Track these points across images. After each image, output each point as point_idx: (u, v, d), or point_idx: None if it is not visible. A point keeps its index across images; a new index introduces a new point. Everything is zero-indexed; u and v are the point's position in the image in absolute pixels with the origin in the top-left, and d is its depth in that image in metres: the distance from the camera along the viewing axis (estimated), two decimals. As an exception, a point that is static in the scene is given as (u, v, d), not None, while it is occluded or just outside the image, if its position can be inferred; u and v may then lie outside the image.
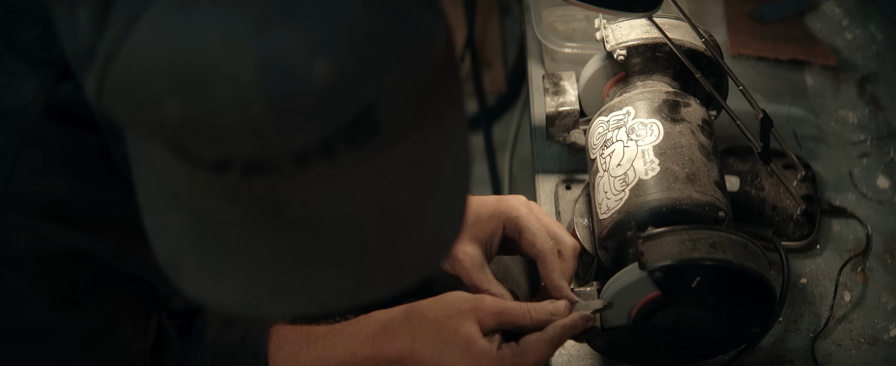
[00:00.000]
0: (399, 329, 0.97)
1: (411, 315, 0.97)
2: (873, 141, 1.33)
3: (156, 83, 0.59)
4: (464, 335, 0.94)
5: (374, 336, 0.98)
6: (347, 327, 1.00)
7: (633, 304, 0.98)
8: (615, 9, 1.03)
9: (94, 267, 0.88)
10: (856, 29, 1.46)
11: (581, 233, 1.15)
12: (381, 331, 0.98)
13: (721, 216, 1.02)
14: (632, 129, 1.08)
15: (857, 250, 1.22)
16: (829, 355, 1.14)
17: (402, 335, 0.96)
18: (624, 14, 1.10)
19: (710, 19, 1.46)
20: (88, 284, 0.89)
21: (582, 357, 1.14)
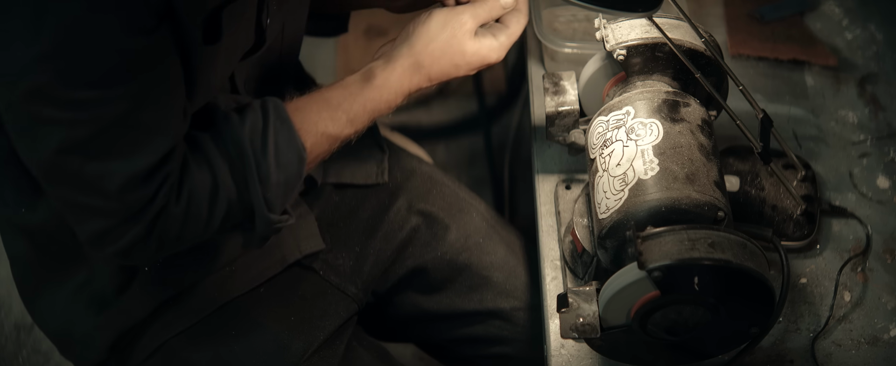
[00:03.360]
0: (414, 76, 1.13)
1: (419, 59, 1.13)
2: (873, 141, 1.33)
3: None
4: (471, 49, 1.13)
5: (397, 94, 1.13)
6: (366, 91, 1.12)
7: (633, 304, 0.98)
8: (615, 9, 1.03)
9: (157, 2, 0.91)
10: (856, 29, 1.46)
11: (581, 233, 1.15)
12: (398, 84, 1.13)
13: (720, 216, 1.02)
14: (631, 128, 1.08)
15: (857, 250, 1.22)
16: (829, 355, 1.14)
17: (421, 80, 1.14)
18: (624, 14, 1.10)
19: (710, 19, 1.46)
20: (154, 19, 0.92)
21: (582, 357, 1.14)
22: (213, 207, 1.02)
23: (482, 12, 1.14)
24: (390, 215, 1.38)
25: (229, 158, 1.03)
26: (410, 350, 1.84)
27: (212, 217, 1.03)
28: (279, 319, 1.27)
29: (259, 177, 1.03)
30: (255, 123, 1.05)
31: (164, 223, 0.99)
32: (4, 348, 1.99)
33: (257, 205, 1.04)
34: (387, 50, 1.15)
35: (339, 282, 1.32)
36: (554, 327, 1.16)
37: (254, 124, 1.04)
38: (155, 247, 1.01)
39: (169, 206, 0.99)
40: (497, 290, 1.39)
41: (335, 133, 1.11)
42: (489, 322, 1.40)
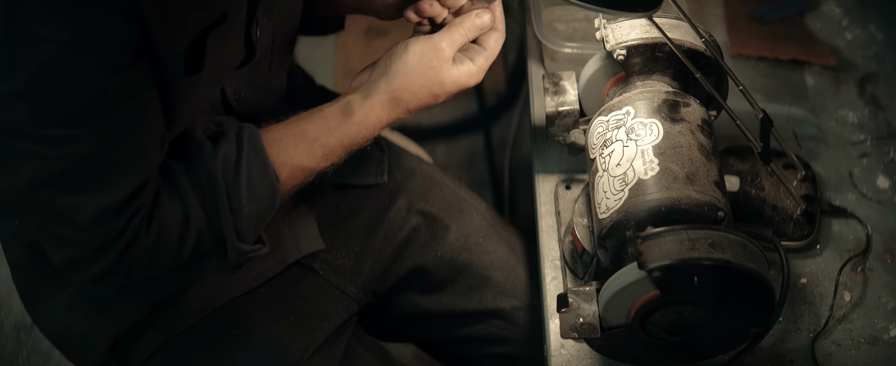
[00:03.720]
0: (393, 110, 1.12)
1: (398, 95, 1.12)
2: (873, 141, 1.33)
3: None
4: (449, 79, 1.12)
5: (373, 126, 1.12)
6: (343, 125, 1.11)
7: (633, 303, 0.98)
8: (615, 9, 1.03)
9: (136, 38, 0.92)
10: (856, 29, 1.46)
11: (581, 233, 1.15)
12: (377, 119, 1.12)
13: (720, 216, 1.02)
14: (631, 128, 1.08)
15: (857, 250, 1.22)
16: (829, 355, 1.14)
17: (400, 112, 1.13)
18: (624, 14, 1.10)
19: (710, 19, 1.46)
20: (132, 56, 0.92)
21: (582, 357, 1.14)
22: (183, 238, 1.04)
23: (459, 37, 1.13)
24: (390, 215, 1.38)
25: (201, 189, 1.03)
26: (410, 350, 1.84)
27: (182, 248, 1.04)
28: (279, 319, 1.27)
29: (230, 208, 1.04)
30: (229, 154, 1.05)
31: (134, 254, 1.01)
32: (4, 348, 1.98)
33: (228, 235, 1.05)
34: (365, 80, 1.14)
35: (339, 282, 1.32)
36: (554, 327, 1.16)
37: (227, 155, 1.04)
38: (125, 275, 1.03)
39: (138, 238, 1.00)
40: (497, 290, 1.39)
41: (310, 166, 1.11)
42: (489, 322, 1.40)
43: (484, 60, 1.14)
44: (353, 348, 1.32)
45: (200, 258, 1.10)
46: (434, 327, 1.43)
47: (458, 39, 1.13)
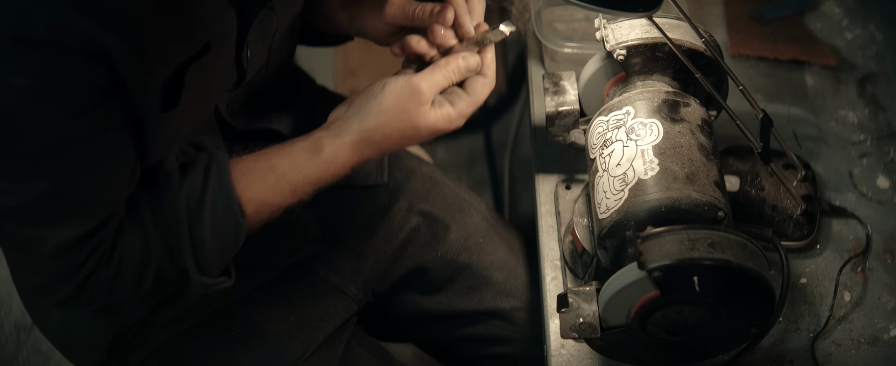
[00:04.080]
0: (364, 150, 1.09)
1: (370, 138, 1.09)
2: (873, 141, 1.33)
3: None
4: (425, 123, 1.08)
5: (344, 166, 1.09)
6: (312, 163, 1.08)
7: (633, 304, 0.98)
8: (615, 9, 1.03)
9: (104, 79, 0.91)
10: (856, 29, 1.46)
11: (581, 233, 1.15)
12: (348, 159, 1.09)
13: (720, 216, 1.02)
14: (631, 128, 1.08)
15: (857, 250, 1.22)
16: (829, 355, 1.14)
17: (372, 152, 1.10)
18: (624, 14, 1.10)
19: (710, 19, 1.46)
20: (99, 96, 0.92)
21: (582, 357, 1.14)
22: (143, 270, 1.04)
23: (441, 78, 1.09)
24: (390, 216, 1.38)
25: (164, 222, 1.03)
26: (410, 350, 1.84)
27: (142, 279, 1.04)
28: (278, 319, 1.27)
29: (192, 242, 1.04)
30: (194, 187, 1.04)
31: (94, 284, 1.02)
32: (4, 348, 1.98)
33: (190, 269, 1.05)
34: (341, 115, 1.11)
35: (339, 282, 1.32)
36: (554, 327, 1.16)
37: (193, 188, 1.04)
38: (86, 302, 1.04)
39: (99, 269, 1.01)
40: (497, 290, 1.39)
41: (277, 203, 1.09)
42: (489, 322, 1.40)
43: (465, 106, 1.10)
44: (353, 347, 1.32)
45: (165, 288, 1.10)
46: (434, 328, 1.43)
47: (440, 81, 1.09)
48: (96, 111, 0.92)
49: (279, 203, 1.09)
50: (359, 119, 1.09)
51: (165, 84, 0.98)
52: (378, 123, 1.08)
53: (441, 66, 1.09)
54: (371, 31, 1.18)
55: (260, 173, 1.08)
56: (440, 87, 1.09)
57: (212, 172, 1.05)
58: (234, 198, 1.05)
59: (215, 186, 1.04)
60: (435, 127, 1.09)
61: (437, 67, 1.09)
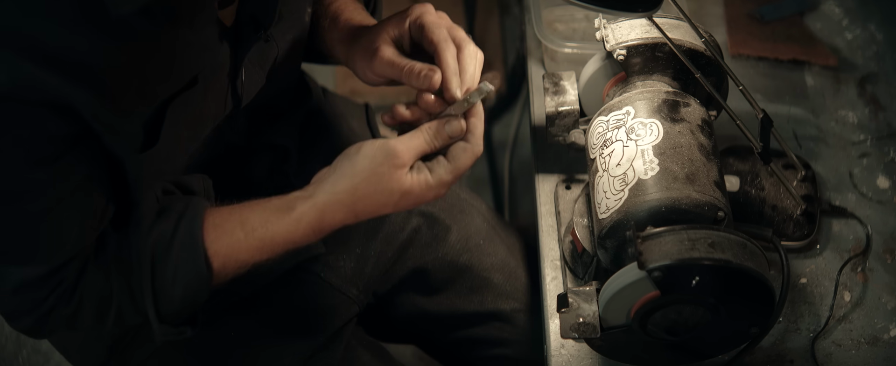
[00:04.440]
0: (337, 212, 1.04)
1: (340, 197, 1.03)
2: (873, 141, 1.33)
3: None
4: (400, 188, 1.02)
5: (313, 226, 1.05)
6: (284, 222, 1.05)
7: (633, 304, 0.98)
8: (615, 9, 1.03)
9: (70, 129, 0.90)
10: (856, 29, 1.46)
11: (581, 233, 1.15)
12: (318, 221, 1.04)
13: (720, 216, 1.02)
14: (631, 128, 1.08)
15: (857, 250, 1.22)
16: (829, 355, 1.14)
17: (343, 215, 1.04)
18: (624, 14, 1.10)
19: (710, 19, 1.46)
20: (63, 146, 0.92)
21: (582, 357, 1.14)
22: (103, 311, 1.04)
23: (421, 142, 1.04)
24: (391, 217, 1.37)
25: (129, 267, 1.03)
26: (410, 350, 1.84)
27: (102, 319, 1.04)
28: (279, 320, 1.27)
29: (153, 289, 1.03)
30: (164, 234, 1.03)
31: (54, 321, 1.02)
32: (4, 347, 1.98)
33: (150, 316, 1.04)
34: (320, 177, 1.07)
35: (339, 284, 1.32)
36: (554, 327, 1.16)
37: (162, 235, 1.03)
38: (48, 334, 1.05)
39: (58, 307, 1.01)
40: (497, 291, 1.39)
41: (244, 258, 1.06)
42: (489, 324, 1.40)
43: (445, 174, 1.03)
44: (353, 348, 1.32)
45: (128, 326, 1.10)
46: (434, 329, 1.43)
47: (419, 145, 1.03)
48: (58, 160, 0.92)
49: (246, 259, 1.05)
50: (332, 180, 1.04)
51: (148, 121, 0.97)
52: (350, 184, 1.03)
53: (422, 130, 1.04)
54: (362, 76, 1.14)
55: (230, 227, 1.05)
56: (419, 150, 1.04)
57: (183, 222, 1.03)
58: (202, 250, 1.03)
59: (184, 237, 1.03)
60: (411, 192, 1.03)
61: (417, 131, 1.04)
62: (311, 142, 1.33)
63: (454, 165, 1.04)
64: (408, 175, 1.03)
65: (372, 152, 1.02)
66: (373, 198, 1.03)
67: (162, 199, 1.08)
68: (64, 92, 0.87)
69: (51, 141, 0.91)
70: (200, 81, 1.00)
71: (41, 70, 0.85)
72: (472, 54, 1.08)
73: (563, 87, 1.19)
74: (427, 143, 1.04)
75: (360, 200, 1.03)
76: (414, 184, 1.03)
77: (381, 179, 1.02)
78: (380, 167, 1.02)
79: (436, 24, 1.08)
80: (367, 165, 1.02)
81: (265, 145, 1.26)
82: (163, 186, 1.10)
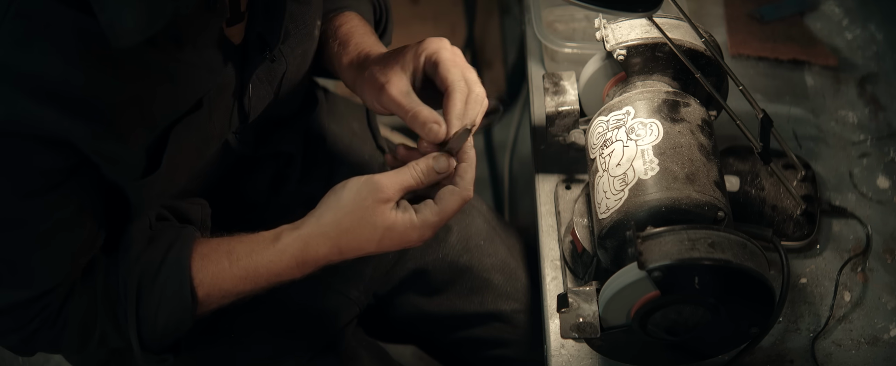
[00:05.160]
0: (321, 245, 1.03)
1: (325, 229, 1.02)
2: (873, 141, 1.33)
3: None
4: (383, 224, 1.01)
5: (296, 257, 1.03)
6: (267, 252, 1.04)
7: (633, 304, 0.98)
8: (615, 9, 1.03)
9: (65, 161, 0.90)
10: (856, 29, 1.46)
11: (581, 233, 1.15)
12: (301, 252, 1.03)
13: (720, 216, 1.02)
14: (631, 128, 1.08)
15: (857, 250, 1.22)
16: (829, 355, 1.14)
17: (326, 248, 1.03)
18: (624, 14, 1.10)
19: (710, 19, 1.46)
20: (57, 178, 0.92)
21: (582, 357, 1.14)
22: (87, 335, 1.04)
23: (407, 178, 1.02)
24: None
25: (114, 293, 1.03)
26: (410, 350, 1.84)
27: (86, 343, 1.05)
28: (279, 322, 1.26)
29: (137, 317, 1.03)
30: (151, 263, 1.03)
31: (39, 342, 1.03)
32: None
33: (133, 342, 1.05)
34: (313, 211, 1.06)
35: (339, 285, 1.32)
36: (554, 327, 1.16)
37: (149, 263, 1.03)
38: (32, 353, 1.05)
39: (43, 329, 1.02)
40: (497, 292, 1.39)
41: (228, 287, 1.05)
42: (490, 324, 1.40)
43: (431, 215, 1.02)
44: (354, 349, 1.32)
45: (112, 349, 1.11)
46: (434, 329, 1.43)
47: (405, 180, 1.02)
48: (50, 193, 0.92)
49: (229, 288, 1.05)
50: (318, 214, 1.04)
51: (151, 146, 0.97)
52: (334, 217, 1.02)
53: (409, 166, 1.03)
54: (368, 104, 1.13)
55: (216, 256, 1.05)
56: (404, 185, 1.02)
57: (172, 251, 1.03)
58: (188, 280, 1.03)
59: (172, 266, 1.03)
60: (394, 228, 1.01)
61: (405, 167, 1.03)
62: (314, 146, 1.33)
63: (441, 207, 1.02)
64: (392, 211, 1.01)
65: (357, 186, 1.02)
66: (356, 232, 1.01)
67: (155, 225, 1.07)
68: (62, 127, 0.87)
69: (43, 174, 0.91)
70: (205, 104, 1.00)
71: (39, 106, 0.85)
72: (479, 100, 1.07)
73: (563, 87, 1.19)
74: (413, 178, 1.03)
75: (344, 234, 1.02)
76: (397, 221, 1.01)
77: (365, 212, 1.01)
78: (364, 201, 1.01)
79: (452, 63, 1.07)
80: (351, 197, 1.01)
81: (270, 153, 1.26)
82: (158, 211, 1.10)
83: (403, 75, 1.08)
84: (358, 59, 1.15)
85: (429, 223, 1.02)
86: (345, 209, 1.02)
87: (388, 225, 1.01)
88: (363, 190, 1.01)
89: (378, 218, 1.01)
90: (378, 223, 1.01)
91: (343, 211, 1.02)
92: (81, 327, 1.03)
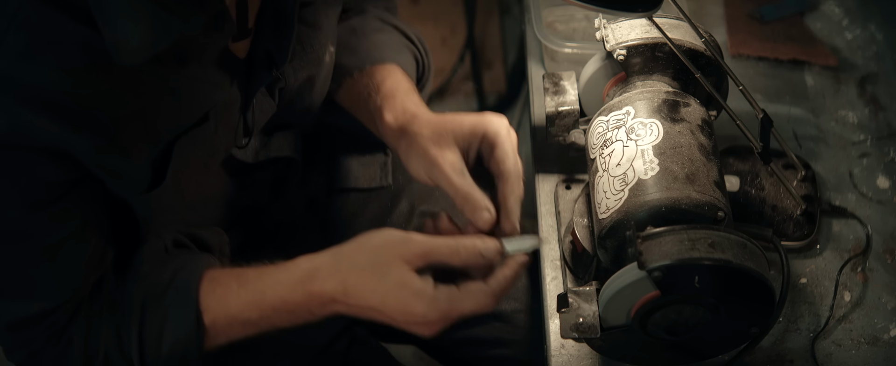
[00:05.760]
0: (328, 277, 0.97)
1: (338, 262, 0.97)
2: (873, 141, 1.33)
3: None
4: (395, 278, 0.93)
5: (302, 282, 0.98)
6: (276, 273, 1.01)
7: (633, 304, 0.98)
8: (615, 9, 1.03)
9: (68, 174, 0.90)
10: (856, 29, 1.46)
11: (581, 233, 1.15)
12: (308, 278, 0.98)
13: (720, 216, 1.02)
14: (631, 128, 1.08)
15: (857, 250, 1.22)
16: (829, 355, 1.14)
17: (332, 282, 0.96)
18: (624, 14, 1.10)
19: (710, 19, 1.46)
20: (60, 190, 0.91)
21: (582, 357, 1.14)
22: (91, 356, 1.03)
23: (443, 247, 0.94)
24: (393, 218, 1.37)
25: (120, 313, 1.02)
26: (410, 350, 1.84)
27: (90, 363, 1.03)
28: None
29: (140, 338, 1.02)
30: (158, 283, 1.01)
31: (44, 359, 1.03)
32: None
33: (135, 363, 1.03)
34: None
35: None
36: (554, 328, 1.16)
37: (156, 284, 1.01)
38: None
39: (48, 347, 1.02)
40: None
41: (234, 312, 1.01)
42: (489, 324, 1.40)
43: (446, 301, 0.93)
44: (354, 348, 1.32)
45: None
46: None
47: (440, 251, 0.94)
48: (54, 204, 0.92)
49: (236, 312, 1.01)
50: (339, 247, 0.99)
51: (155, 159, 0.96)
52: (351, 253, 0.97)
53: (452, 238, 0.96)
54: (412, 172, 1.09)
55: (226, 280, 1.02)
56: (437, 254, 0.95)
57: (182, 273, 1.02)
58: (194, 302, 1.00)
59: (179, 287, 1.01)
60: (403, 288, 0.93)
61: (446, 238, 0.97)
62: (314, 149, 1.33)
63: (460, 296, 0.94)
64: (410, 271, 0.94)
65: (387, 235, 0.97)
66: (365, 275, 0.95)
67: (171, 250, 1.06)
68: (64, 139, 0.86)
69: (47, 186, 0.90)
70: (211, 118, 0.99)
71: (42, 118, 0.84)
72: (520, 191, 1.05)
73: (563, 87, 1.19)
74: (450, 250, 0.95)
75: (353, 272, 0.96)
76: (411, 282, 0.93)
77: (383, 259, 0.94)
78: (388, 249, 0.95)
79: (510, 151, 1.04)
80: (377, 242, 0.97)
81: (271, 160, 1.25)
82: (175, 237, 1.08)
83: (457, 150, 1.04)
84: (403, 120, 1.10)
85: (442, 311, 0.94)
86: (364, 249, 0.97)
87: (399, 281, 0.94)
88: (391, 239, 0.96)
89: (393, 270, 0.94)
90: (391, 275, 0.94)
91: (362, 250, 0.97)
92: (85, 347, 1.02)
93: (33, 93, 0.83)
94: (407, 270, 0.94)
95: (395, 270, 0.94)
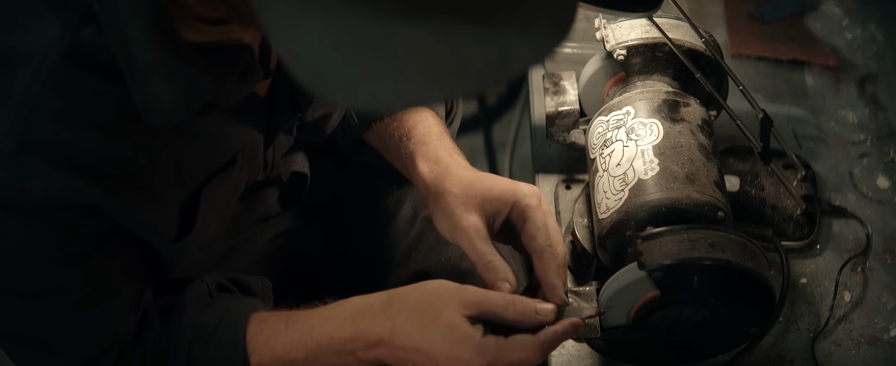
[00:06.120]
0: (378, 314, 0.95)
1: (392, 300, 0.96)
2: (873, 141, 1.33)
3: None
4: (445, 320, 0.92)
5: (352, 319, 0.97)
6: (326, 310, 1.00)
7: (633, 303, 0.98)
8: (615, 9, 1.03)
9: (100, 227, 0.89)
10: (856, 29, 1.46)
11: (581, 233, 1.15)
12: (359, 315, 0.97)
13: (720, 216, 1.02)
14: (631, 128, 1.08)
15: (857, 250, 1.22)
16: (829, 355, 1.14)
17: (382, 320, 0.95)
18: (624, 14, 1.10)
19: (710, 19, 1.46)
20: (93, 242, 0.90)
21: (582, 357, 1.14)
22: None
23: (498, 299, 0.93)
24: (396, 222, 1.37)
25: (165, 356, 1.00)
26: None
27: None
28: None
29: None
30: (205, 327, 0.99)
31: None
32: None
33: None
34: None
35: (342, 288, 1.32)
36: (554, 327, 1.16)
37: (203, 328, 1.00)
38: None
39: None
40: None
41: (281, 352, 0.99)
42: (490, 324, 1.39)
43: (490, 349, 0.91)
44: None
45: None
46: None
47: (495, 302, 0.93)
48: (90, 257, 0.91)
49: (282, 352, 0.99)
50: (398, 288, 0.98)
51: (183, 205, 0.95)
52: (407, 291, 0.96)
53: (510, 295, 0.95)
54: (438, 226, 1.07)
55: (274, 320, 1.00)
56: (492, 304, 0.93)
57: (228, 316, 1.00)
58: (241, 346, 0.98)
59: (225, 330, 0.99)
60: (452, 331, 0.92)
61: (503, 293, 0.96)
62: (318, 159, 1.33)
63: (508, 348, 0.92)
64: (462, 317, 0.92)
65: (444, 282, 0.96)
66: (418, 313, 0.94)
67: (215, 294, 1.05)
68: (95, 199, 0.85)
69: (80, 241, 0.89)
70: (238, 160, 0.98)
71: (76, 180, 0.83)
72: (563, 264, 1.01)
73: (563, 87, 1.19)
74: (505, 303, 0.94)
75: (403, 311, 0.95)
76: (462, 327, 0.92)
77: (437, 300, 0.93)
78: (443, 292, 0.94)
79: (541, 227, 1.01)
80: (433, 286, 0.96)
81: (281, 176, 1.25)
82: (218, 281, 1.07)
83: (483, 215, 1.03)
84: (437, 172, 1.09)
85: (487, 352, 0.91)
86: (419, 291, 0.96)
87: (450, 323, 0.92)
88: (447, 285, 0.95)
89: (445, 312, 0.92)
90: (442, 317, 0.92)
91: (416, 292, 0.96)
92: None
93: (67, 155, 0.82)
94: (459, 315, 0.93)
95: (447, 313, 0.93)
